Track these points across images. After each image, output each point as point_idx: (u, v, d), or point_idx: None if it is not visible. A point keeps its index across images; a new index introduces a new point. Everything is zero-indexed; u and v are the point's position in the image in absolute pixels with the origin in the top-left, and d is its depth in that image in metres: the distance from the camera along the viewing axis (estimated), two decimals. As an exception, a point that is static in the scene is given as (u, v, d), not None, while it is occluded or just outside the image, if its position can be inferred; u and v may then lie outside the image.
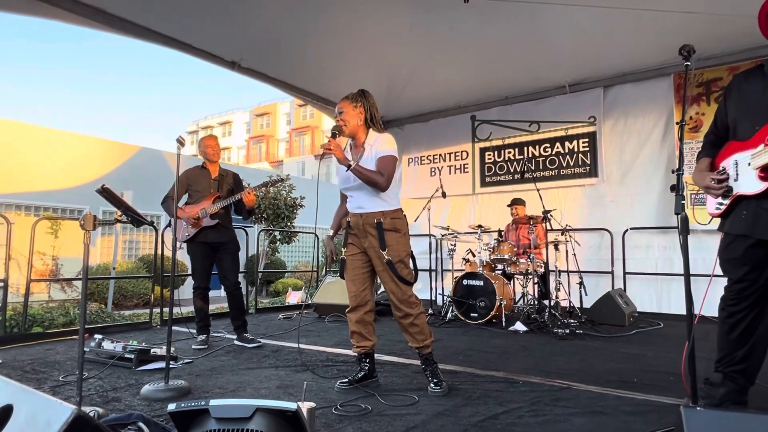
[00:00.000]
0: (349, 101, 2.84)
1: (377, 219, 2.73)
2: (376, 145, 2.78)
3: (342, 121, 2.81)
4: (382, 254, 2.70)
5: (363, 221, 2.77)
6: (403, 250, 2.76)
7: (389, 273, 2.70)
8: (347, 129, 2.82)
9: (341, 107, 2.83)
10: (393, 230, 2.74)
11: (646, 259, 5.87)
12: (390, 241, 2.71)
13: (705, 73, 5.67)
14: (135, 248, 12.99)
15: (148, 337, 4.53)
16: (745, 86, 2.36)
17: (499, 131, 7.12)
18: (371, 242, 2.74)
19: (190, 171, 4.26)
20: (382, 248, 2.70)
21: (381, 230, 2.71)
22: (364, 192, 2.76)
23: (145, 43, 5.16)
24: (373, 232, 2.73)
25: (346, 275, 2.90)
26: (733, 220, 2.28)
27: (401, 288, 2.73)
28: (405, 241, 2.78)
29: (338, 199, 3.05)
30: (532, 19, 4.85)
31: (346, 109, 2.82)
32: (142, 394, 2.62)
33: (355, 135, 2.86)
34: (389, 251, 2.70)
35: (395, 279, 2.70)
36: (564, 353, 3.83)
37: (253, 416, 1.36)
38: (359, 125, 2.83)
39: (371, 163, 2.73)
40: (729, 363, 2.34)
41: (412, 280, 2.77)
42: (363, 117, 2.84)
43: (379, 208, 2.75)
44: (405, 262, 2.76)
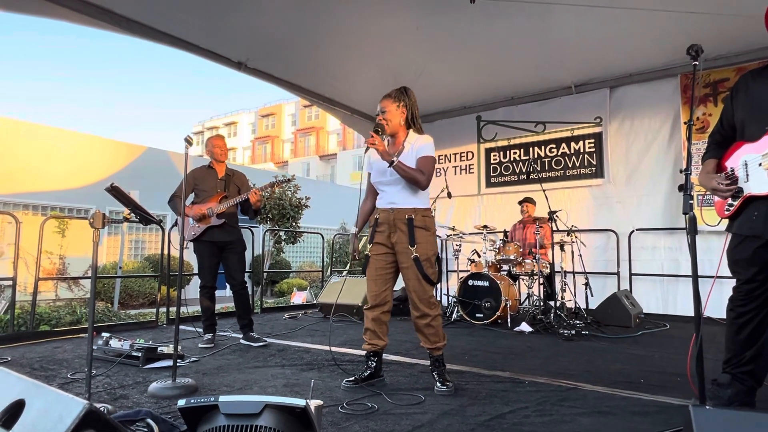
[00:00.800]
0: (392, 100, 2.84)
1: (408, 215, 2.74)
2: (417, 145, 2.79)
3: (384, 120, 2.81)
4: (410, 250, 2.69)
5: (394, 216, 2.78)
6: (431, 249, 2.77)
7: (414, 270, 2.69)
8: (389, 128, 2.83)
9: (384, 106, 2.83)
10: (423, 228, 2.75)
11: (653, 261, 5.84)
12: (419, 239, 2.71)
13: (712, 74, 5.64)
14: (141, 248, 13.05)
15: (154, 335, 4.55)
16: (753, 86, 2.35)
17: (505, 132, 7.12)
18: (400, 238, 2.74)
19: (197, 170, 4.28)
20: (411, 244, 2.69)
21: (411, 226, 2.71)
22: (398, 188, 2.78)
23: (152, 43, 5.19)
24: (403, 228, 2.74)
25: (369, 274, 2.88)
26: (743, 221, 2.27)
27: (424, 287, 2.73)
28: (433, 240, 2.80)
29: (343, 199, 3.12)
30: (538, 19, 4.84)
31: (389, 108, 2.82)
32: (150, 392, 2.64)
33: (395, 134, 2.87)
34: (418, 248, 2.70)
35: (420, 277, 2.69)
36: (570, 354, 3.82)
37: (263, 412, 1.37)
38: (401, 124, 2.85)
39: (411, 162, 2.75)
40: (737, 364, 2.33)
41: (436, 280, 2.77)
42: (405, 116, 2.85)
43: (411, 205, 2.76)
44: (431, 262, 2.75)
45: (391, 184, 2.80)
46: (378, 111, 2.86)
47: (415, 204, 2.77)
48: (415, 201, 2.78)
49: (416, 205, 2.77)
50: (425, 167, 2.74)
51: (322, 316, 5.91)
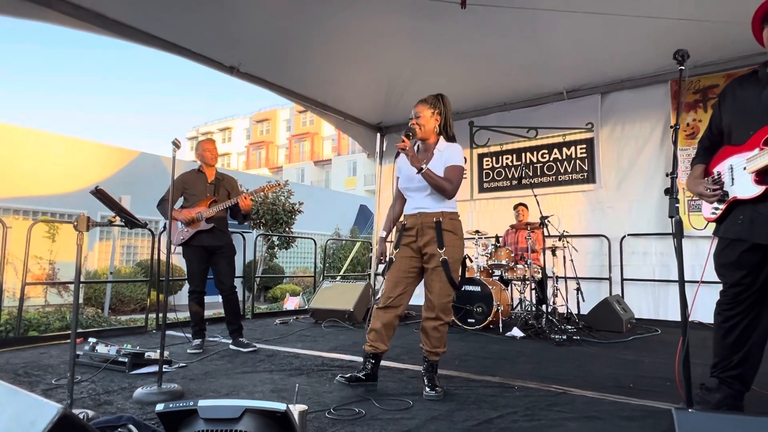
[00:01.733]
0: (427, 105, 2.88)
1: (436, 218, 2.78)
2: (446, 154, 2.83)
3: (417, 125, 2.84)
4: (438, 252, 2.72)
5: (422, 221, 2.81)
6: (458, 252, 2.81)
7: (441, 273, 2.72)
8: (421, 132, 2.86)
9: (418, 111, 2.87)
10: (451, 231, 2.78)
11: (644, 266, 5.86)
12: (447, 242, 2.74)
13: (702, 80, 5.69)
14: (133, 253, 12.96)
15: (143, 341, 4.51)
16: (740, 91, 2.37)
17: (497, 137, 7.14)
18: (429, 241, 2.77)
19: (186, 174, 4.26)
20: (439, 247, 2.72)
21: (440, 229, 2.75)
22: (425, 194, 2.82)
23: (145, 48, 5.17)
24: (431, 232, 2.77)
25: (389, 274, 2.90)
26: (729, 225, 2.28)
27: (447, 290, 2.75)
28: (461, 244, 2.83)
29: (337, 204, 3.15)
30: (529, 25, 4.87)
31: (424, 113, 2.86)
32: (135, 398, 2.60)
33: (426, 139, 2.90)
34: (446, 251, 2.72)
35: (445, 279, 2.71)
36: (561, 359, 3.81)
37: (242, 417, 1.35)
38: (433, 131, 2.88)
39: (439, 169, 2.78)
40: (725, 368, 2.32)
41: (458, 285, 2.84)
42: (438, 123, 2.89)
43: (439, 209, 2.80)
44: (457, 265, 2.79)
45: (419, 191, 2.84)
46: (412, 115, 2.89)
47: (442, 208, 2.81)
48: (443, 205, 2.81)
49: (444, 209, 2.81)
50: (453, 176, 2.78)
51: (313, 322, 5.87)
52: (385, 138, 8.12)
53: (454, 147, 2.86)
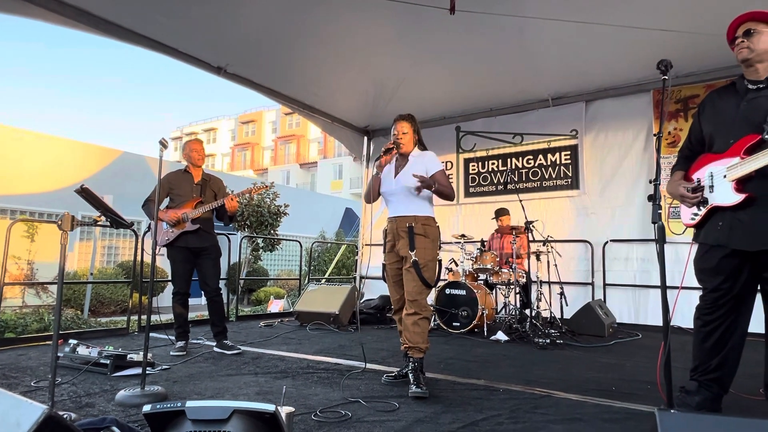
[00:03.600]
0: (408, 123, 3.15)
1: (409, 223, 3.00)
2: (424, 161, 3.08)
3: (403, 140, 3.11)
4: (410, 254, 2.93)
5: (397, 225, 3.06)
6: (429, 254, 2.99)
7: (413, 273, 2.92)
8: (404, 147, 3.12)
9: (404, 128, 3.13)
10: (423, 235, 2.98)
11: (625, 271, 5.95)
12: (418, 244, 2.95)
13: (683, 90, 5.82)
14: (114, 254, 12.74)
15: (125, 343, 4.44)
16: (719, 103, 2.44)
17: (483, 142, 7.21)
18: (402, 243, 3.01)
19: (172, 175, 4.22)
20: (411, 249, 2.93)
21: (411, 233, 2.96)
22: (401, 198, 3.06)
23: (129, 46, 5.11)
24: (404, 235, 3.00)
25: (388, 281, 3.19)
26: (709, 231, 2.34)
27: (420, 289, 2.93)
28: (432, 247, 3.02)
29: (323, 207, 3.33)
30: (517, 32, 4.94)
31: (408, 130, 3.13)
32: (117, 400, 2.57)
33: (407, 153, 3.16)
34: (417, 253, 2.93)
35: (417, 279, 2.91)
36: (544, 362, 3.85)
37: (231, 418, 1.34)
38: (413, 146, 3.17)
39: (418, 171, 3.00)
40: (704, 371, 2.38)
41: (432, 284, 3.00)
42: (417, 138, 3.18)
43: (412, 213, 3.02)
44: (429, 267, 2.98)
45: (395, 194, 3.09)
46: (395, 131, 3.14)
47: (415, 212, 3.02)
48: (416, 210, 3.03)
49: (417, 213, 3.02)
50: (446, 181, 3.09)
51: (298, 325, 5.84)
52: (372, 141, 8.14)
53: (430, 154, 3.13)
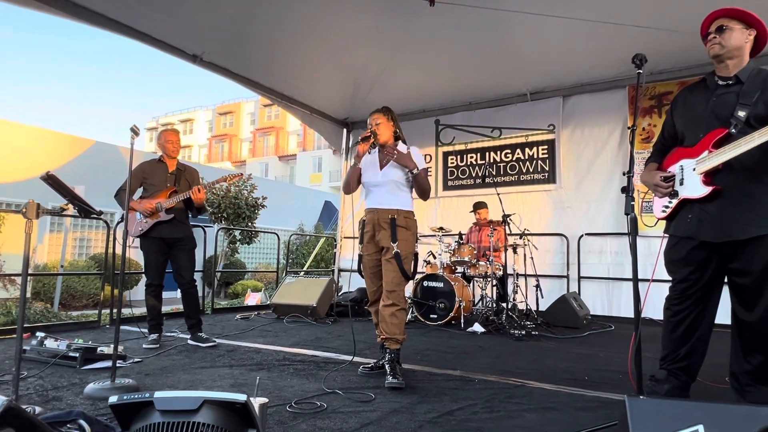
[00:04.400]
0: (383, 114, 3.14)
1: (392, 215, 3.00)
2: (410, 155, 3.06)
3: (378, 130, 3.10)
4: (392, 246, 2.95)
5: (378, 216, 3.04)
6: (410, 247, 3.04)
7: (394, 264, 2.95)
8: (381, 138, 3.10)
9: (377, 119, 3.12)
10: (405, 227, 3.02)
11: (600, 264, 6.06)
12: (400, 237, 2.98)
13: (657, 87, 5.93)
14: (86, 246, 12.45)
15: (96, 336, 4.33)
16: (690, 98, 2.49)
17: (462, 136, 7.23)
18: (383, 235, 3.01)
19: (146, 164, 4.12)
20: (393, 241, 2.95)
21: (394, 225, 2.98)
22: (385, 190, 3.06)
23: (101, 31, 4.96)
24: (386, 227, 3.00)
25: (365, 273, 3.18)
26: (678, 223, 2.39)
27: (399, 280, 2.96)
28: (413, 240, 3.08)
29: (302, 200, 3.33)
30: (496, 26, 4.95)
31: (382, 121, 3.12)
32: (86, 393, 2.50)
33: (386, 144, 3.13)
34: (399, 245, 2.95)
35: (398, 270, 2.94)
36: (519, 353, 3.90)
37: (201, 408, 1.32)
38: (391, 136, 3.15)
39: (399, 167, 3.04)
40: (673, 360, 2.43)
41: (411, 276, 3.04)
42: (393, 130, 3.17)
43: (395, 206, 3.03)
44: (409, 259, 3.03)
45: (379, 186, 3.08)
46: (370, 123, 3.14)
47: (398, 206, 3.04)
48: (399, 203, 3.05)
49: (399, 206, 3.04)
50: (426, 180, 3.13)
51: (275, 317, 5.80)
52: (352, 134, 8.09)
53: (415, 150, 3.13)
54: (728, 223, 2.20)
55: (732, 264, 2.26)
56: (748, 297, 2.22)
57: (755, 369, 2.22)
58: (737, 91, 2.29)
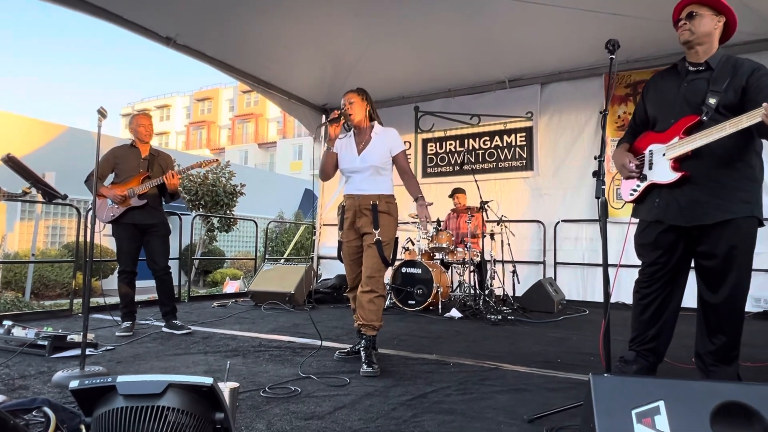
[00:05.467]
0: (356, 94, 3.06)
1: (373, 201, 2.96)
2: (388, 139, 3.04)
3: (351, 109, 3.02)
4: (374, 232, 2.91)
5: (359, 203, 2.99)
6: (392, 233, 3.01)
7: (375, 251, 2.91)
8: (355, 118, 3.04)
9: (351, 98, 3.04)
10: (386, 213, 2.97)
11: (575, 250, 6.16)
12: (382, 223, 2.94)
13: (632, 75, 6.00)
14: (59, 234, 12.15)
15: (67, 325, 4.23)
16: (662, 84, 2.52)
17: (442, 123, 7.23)
18: (365, 221, 2.97)
19: (118, 149, 4.02)
20: (375, 227, 2.91)
21: (375, 211, 2.93)
22: (365, 175, 3.01)
23: (71, 11, 4.79)
24: (367, 213, 2.96)
25: (345, 259, 3.15)
26: (647, 207, 2.43)
27: (379, 266, 2.93)
28: (395, 225, 3.03)
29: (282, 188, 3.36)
30: (474, 13, 4.93)
31: (355, 100, 3.04)
32: (54, 381, 2.45)
33: (360, 125, 3.08)
34: (380, 231, 2.91)
35: (378, 257, 2.90)
36: (495, 337, 3.95)
37: (165, 392, 1.30)
38: (365, 117, 3.08)
39: (381, 151, 3.00)
40: (641, 342, 2.49)
41: (390, 262, 3.00)
42: (367, 110, 3.09)
43: (376, 192, 2.98)
44: (390, 246, 3.00)
45: (358, 172, 3.03)
46: (343, 103, 3.06)
47: (379, 191, 2.99)
48: (380, 188, 3.00)
49: (380, 191, 2.99)
50: (406, 163, 3.10)
51: (253, 305, 5.76)
52: (328, 117, 8.02)
53: (392, 131, 3.08)
54: (696, 207, 2.25)
55: (699, 247, 2.31)
56: (713, 280, 2.27)
57: (719, 349, 2.28)
58: (707, 77, 2.32)
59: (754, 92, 2.16)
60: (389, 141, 3.04)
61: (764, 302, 5.16)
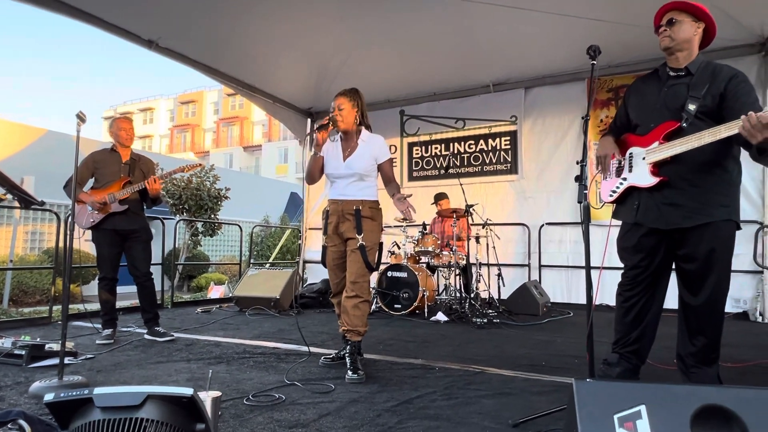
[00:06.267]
0: (347, 98, 3.01)
1: (356, 206, 2.95)
2: (373, 146, 3.02)
3: (340, 115, 2.98)
4: (357, 237, 2.91)
5: (342, 207, 2.99)
6: (375, 237, 2.99)
7: (358, 256, 2.90)
8: (343, 124, 3.00)
9: (340, 103, 2.99)
10: (370, 218, 2.96)
11: (559, 253, 6.22)
12: (365, 228, 2.93)
13: (614, 80, 6.08)
14: (39, 240, 11.92)
15: (46, 333, 4.16)
16: (643, 88, 2.56)
17: (427, 127, 7.25)
18: (348, 226, 2.96)
19: (98, 153, 3.95)
20: (358, 232, 2.91)
21: (359, 217, 2.93)
22: (349, 181, 3.00)
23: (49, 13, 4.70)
24: (351, 218, 2.95)
25: (328, 264, 3.13)
26: (627, 210, 2.46)
27: (363, 271, 2.92)
28: (378, 230, 3.03)
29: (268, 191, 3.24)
30: (459, 17, 4.96)
31: (345, 106, 2.99)
32: (31, 392, 2.39)
33: (348, 130, 3.05)
34: (364, 236, 2.91)
35: (362, 262, 2.89)
36: (481, 341, 3.96)
37: (144, 404, 1.27)
38: (354, 122, 3.03)
39: (366, 158, 2.98)
40: (624, 344, 2.51)
41: (375, 267, 2.99)
42: (356, 115, 3.04)
43: (360, 197, 2.98)
44: (374, 251, 2.98)
45: (342, 177, 3.02)
46: (333, 107, 3.02)
47: (363, 196, 2.98)
48: (364, 194, 2.99)
49: (364, 197, 2.99)
50: (391, 172, 3.07)
51: (237, 310, 5.70)
52: (316, 124, 8.00)
53: (379, 139, 3.07)
54: (675, 211, 2.28)
55: (679, 250, 2.34)
56: (693, 282, 2.30)
57: (699, 351, 2.31)
58: (687, 82, 2.35)
59: (731, 100, 2.21)
60: (375, 149, 3.02)
61: (743, 303, 5.26)
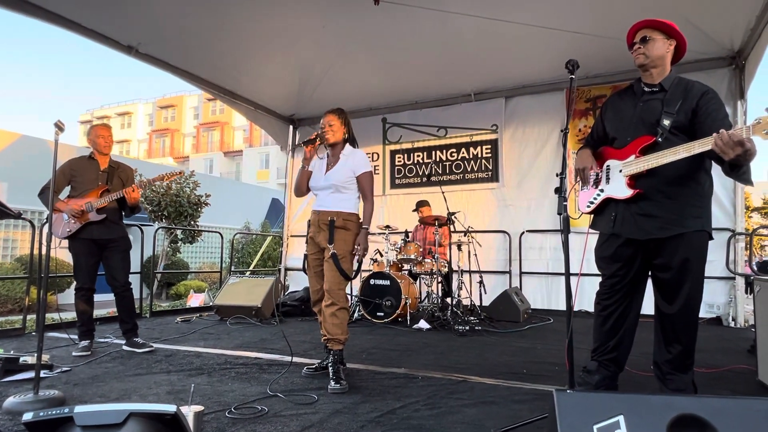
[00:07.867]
0: (336, 116, 3.16)
1: (331, 217, 3.05)
2: (354, 160, 3.13)
3: (330, 131, 3.12)
4: (329, 247, 3.01)
5: (319, 218, 3.11)
6: (348, 246, 3.06)
7: (332, 264, 2.99)
8: (331, 139, 3.13)
9: (331, 120, 3.14)
10: (343, 228, 3.05)
11: (539, 260, 6.31)
12: (337, 237, 3.02)
13: (592, 90, 6.22)
14: (11, 247, 11.61)
15: (20, 345, 4.05)
16: (619, 103, 2.64)
17: (409, 135, 7.30)
18: (323, 236, 3.07)
19: (75, 161, 3.88)
20: (329, 242, 3.01)
21: (332, 227, 3.03)
22: (327, 193, 3.13)
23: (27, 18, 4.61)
24: (325, 228, 3.06)
25: (309, 272, 3.22)
26: (605, 221, 2.52)
27: (338, 279, 3.00)
28: (352, 240, 3.08)
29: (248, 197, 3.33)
30: (440, 27, 5.02)
31: (335, 123, 3.15)
32: (5, 407, 2.33)
33: (336, 143, 3.18)
34: (335, 245, 3.00)
35: (336, 270, 2.98)
36: (462, 348, 3.99)
37: (127, 422, 1.25)
38: (342, 139, 3.17)
39: (344, 172, 3.09)
40: (603, 352, 2.57)
41: (350, 275, 3.07)
42: (345, 131, 3.19)
43: (336, 209, 3.07)
44: (348, 259, 3.06)
45: (323, 189, 3.16)
46: (323, 123, 3.16)
47: (339, 208, 3.08)
48: (340, 205, 3.09)
49: (340, 209, 3.08)
50: (368, 186, 3.15)
51: (218, 319, 5.63)
52: (298, 131, 7.99)
53: (359, 154, 3.19)
54: (650, 222, 2.35)
55: (655, 260, 2.40)
56: (668, 291, 2.37)
57: (675, 358, 2.38)
58: (661, 98, 2.43)
59: (702, 115, 2.29)
60: (354, 162, 3.13)
61: (716, 308, 5.41)
